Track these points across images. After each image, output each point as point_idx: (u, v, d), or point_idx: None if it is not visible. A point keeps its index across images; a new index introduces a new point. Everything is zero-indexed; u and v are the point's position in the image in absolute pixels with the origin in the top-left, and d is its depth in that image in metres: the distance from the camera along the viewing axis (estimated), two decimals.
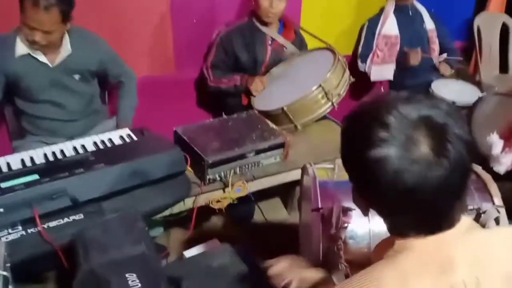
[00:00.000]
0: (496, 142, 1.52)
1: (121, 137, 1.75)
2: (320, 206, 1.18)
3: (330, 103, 2.06)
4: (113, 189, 1.48)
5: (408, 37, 2.79)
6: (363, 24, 2.97)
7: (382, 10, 2.89)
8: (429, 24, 2.84)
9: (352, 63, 2.90)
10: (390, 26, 2.80)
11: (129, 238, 1.21)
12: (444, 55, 2.80)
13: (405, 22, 2.81)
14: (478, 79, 3.49)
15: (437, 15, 2.92)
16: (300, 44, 2.51)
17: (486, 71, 3.48)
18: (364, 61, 2.88)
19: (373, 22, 2.89)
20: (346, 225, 1.10)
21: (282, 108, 2.04)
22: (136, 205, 1.49)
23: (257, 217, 2.39)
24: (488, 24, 3.49)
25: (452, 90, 2.62)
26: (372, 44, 2.85)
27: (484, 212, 1.09)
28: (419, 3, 2.89)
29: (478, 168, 1.25)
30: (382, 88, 2.95)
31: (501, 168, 1.49)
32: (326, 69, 2.08)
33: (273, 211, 2.47)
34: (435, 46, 2.84)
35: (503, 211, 1.10)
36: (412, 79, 2.77)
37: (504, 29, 3.54)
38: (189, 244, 1.93)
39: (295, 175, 1.96)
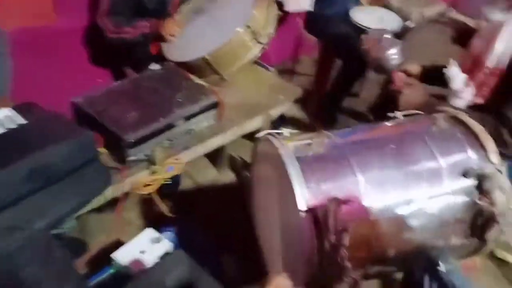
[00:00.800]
0: (456, 76, 1.39)
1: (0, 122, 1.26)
2: (309, 203, 0.92)
3: (259, 45, 1.75)
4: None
5: None
6: None
7: None
8: None
9: None
10: None
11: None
12: None
13: None
14: (386, 2, 3.42)
15: None
16: None
17: None
18: None
19: None
20: (347, 227, 0.87)
21: (203, 57, 1.69)
22: (35, 217, 1.10)
23: (185, 182, 2.11)
24: None
25: (373, 17, 2.45)
26: None
27: (485, 176, 0.95)
28: None
29: (467, 118, 1.09)
30: (298, 20, 2.70)
31: (461, 103, 1.38)
32: (249, 3, 1.74)
33: (201, 172, 2.20)
34: None
35: (503, 170, 0.97)
36: (330, 8, 2.53)
37: None
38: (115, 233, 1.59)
39: (231, 135, 1.70)
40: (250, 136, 1.66)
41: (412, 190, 0.98)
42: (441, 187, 1.00)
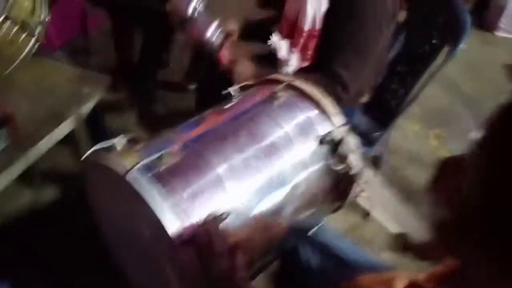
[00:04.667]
0: (279, 44, 1.32)
1: None
2: (182, 231, 0.70)
3: (33, 39, 1.36)
4: None
5: None
6: None
7: None
8: None
9: None
10: None
11: None
12: None
13: None
14: None
15: None
16: None
17: None
18: None
19: None
20: (238, 243, 0.69)
21: None
22: None
23: None
24: None
25: None
26: None
27: (336, 142, 0.91)
28: None
29: (304, 85, 1.01)
30: None
31: (289, 70, 1.34)
32: None
33: (12, 201, 1.74)
34: None
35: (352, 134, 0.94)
36: None
37: None
38: None
39: (36, 153, 1.34)
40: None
41: (275, 167, 0.90)
42: (297, 154, 0.93)
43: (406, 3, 1.59)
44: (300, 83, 1.03)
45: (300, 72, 1.33)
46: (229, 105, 1.00)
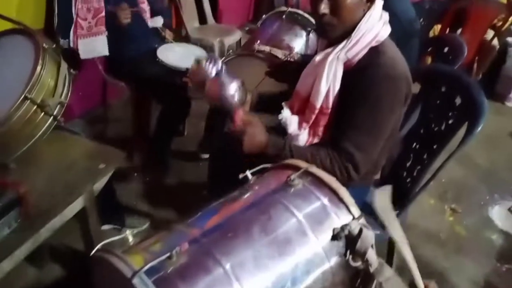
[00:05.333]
0: (289, 119, 1.32)
1: None
2: None
3: (50, 118, 1.36)
4: None
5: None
6: None
7: None
8: None
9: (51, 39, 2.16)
10: None
11: None
12: (160, 20, 2.43)
13: None
14: (184, 33, 3.33)
15: None
16: None
17: (188, 24, 3.34)
18: (65, 36, 2.13)
19: None
20: None
21: None
22: None
23: None
24: None
25: (180, 54, 2.29)
26: (71, 12, 2.11)
27: (354, 237, 0.86)
28: None
29: (321, 173, 0.99)
30: (99, 65, 2.36)
31: (301, 144, 1.32)
32: (27, 67, 1.31)
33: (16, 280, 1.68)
34: (144, 5, 2.33)
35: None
36: (133, 49, 2.24)
37: None
38: None
39: (46, 232, 1.31)
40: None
41: (288, 265, 0.85)
42: (312, 249, 0.89)
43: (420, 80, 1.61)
44: (316, 170, 1.00)
45: (312, 147, 1.31)
46: (244, 193, 0.98)
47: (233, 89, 1.35)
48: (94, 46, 2.18)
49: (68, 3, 2.12)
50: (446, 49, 2.01)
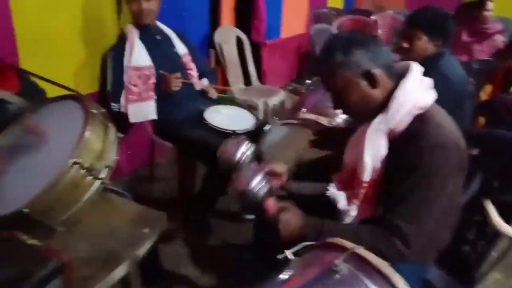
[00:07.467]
0: (337, 196, 1.23)
1: None
2: None
3: (98, 182, 1.31)
4: None
5: (162, 66, 2.22)
6: (105, 54, 2.25)
7: (122, 36, 2.27)
8: (180, 48, 2.35)
9: (104, 102, 2.22)
10: (139, 56, 2.17)
11: None
12: (206, 81, 2.45)
13: (155, 49, 2.23)
14: (230, 94, 3.37)
15: (186, 36, 2.45)
16: (32, 94, 1.57)
17: (233, 85, 3.38)
18: (116, 100, 2.18)
19: (117, 51, 2.20)
20: None
21: (20, 210, 1.17)
22: None
23: None
24: (226, 39, 3.37)
25: (226, 117, 2.28)
26: (122, 79, 2.17)
27: None
28: (163, 25, 2.41)
29: (370, 255, 0.87)
30: (148, 127, 2.38)
31: (349, 220, 1.21)
32: (77, 132, 1.30)
33: None
34: (193, 72, 2.37)
35: None
36: (180, 112, 2.26)
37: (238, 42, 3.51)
38: None
39: None
40: None
41: None
42: None
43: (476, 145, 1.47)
44: (365, 253, 0.87)
45: (354, 224, 1.19)
46: (284, 281, 0.86)
47: (256, 181, 1.26)
48: (143, 111, 2.21)
49: (120, 70, 2.18)
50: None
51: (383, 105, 1.16)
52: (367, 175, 1.18)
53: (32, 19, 1.98)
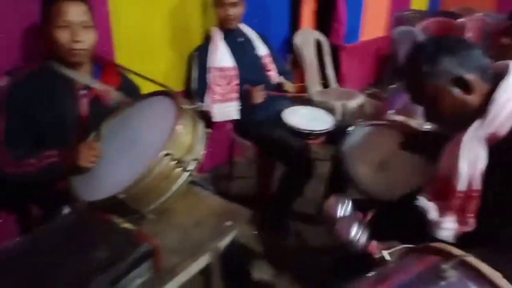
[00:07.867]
0: (428, 206, 1.15)
1: None
2: None
3: (186, 174, 1.36)
4: None
5: (243, 68, 2.27)
6: (190, 54, 2.36)
7: (207, 38, 2.36)
8: (261, 49, 2.38)
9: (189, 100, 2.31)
10: (223, 57, 2.24)
11: None
12: (282, 78, 2.43)
13: (238, 51, 2.29)
14: (307, 96, 3.34)
15: (266, 38, 2.48)
16: (130, 90, 1.68)
17: (311, 88, 3.35)
18: (201, 99, 2.25)
19: (202, 52, 2.29)
20: None
21: (116, 196, 1.26)
22: None
23: None
24: (305, 42, 3.36)
25: (304, 117, 2.26)
26: (205, 78, 2.26)
27: None
28: (246, 27, 2.46)
29: (481, 265, 0.79)
30: (229, 125, 2.44)
31: (446, 234, 1.11)
32: (169, 125, 1.36)
33: None
34: (273, 72, 2.40)
35: None
36: (260, 113, 2.27)
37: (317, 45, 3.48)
38: None
39: (174, 285, 1.28)
40: None
41: None
42: None
43: None
44: (475, 261, 0.79)
45: (465, 238, 1.09)
46: (382, 280, 0.81)
47: (354, 231, 1.32)
48: (226, 111, 2.27)
49: (204, 69, 2.25)
50: None
51: (480, 110, 1.08)
52: (462, 185, 1.10)
53: (128, 23, 2.12)
